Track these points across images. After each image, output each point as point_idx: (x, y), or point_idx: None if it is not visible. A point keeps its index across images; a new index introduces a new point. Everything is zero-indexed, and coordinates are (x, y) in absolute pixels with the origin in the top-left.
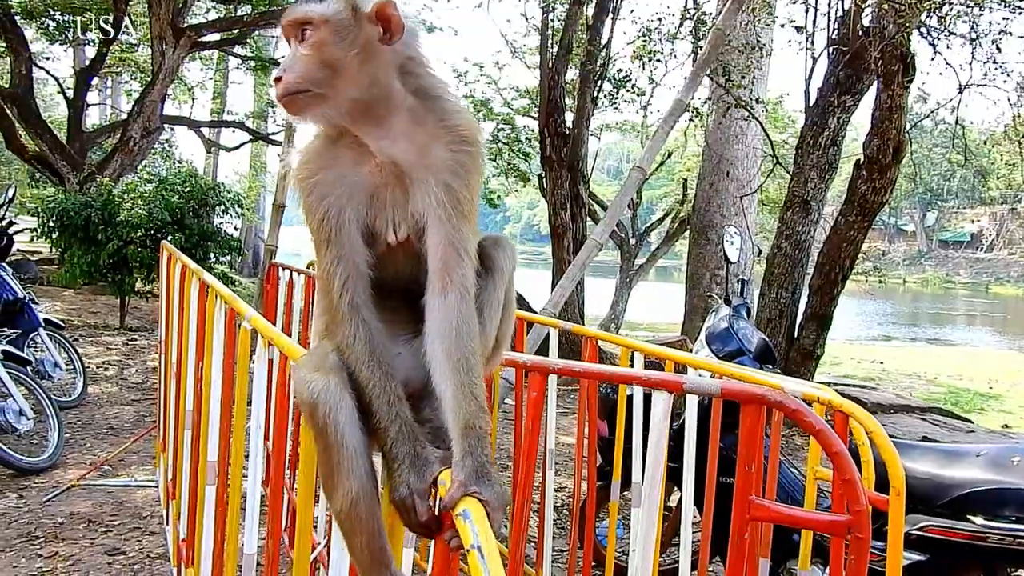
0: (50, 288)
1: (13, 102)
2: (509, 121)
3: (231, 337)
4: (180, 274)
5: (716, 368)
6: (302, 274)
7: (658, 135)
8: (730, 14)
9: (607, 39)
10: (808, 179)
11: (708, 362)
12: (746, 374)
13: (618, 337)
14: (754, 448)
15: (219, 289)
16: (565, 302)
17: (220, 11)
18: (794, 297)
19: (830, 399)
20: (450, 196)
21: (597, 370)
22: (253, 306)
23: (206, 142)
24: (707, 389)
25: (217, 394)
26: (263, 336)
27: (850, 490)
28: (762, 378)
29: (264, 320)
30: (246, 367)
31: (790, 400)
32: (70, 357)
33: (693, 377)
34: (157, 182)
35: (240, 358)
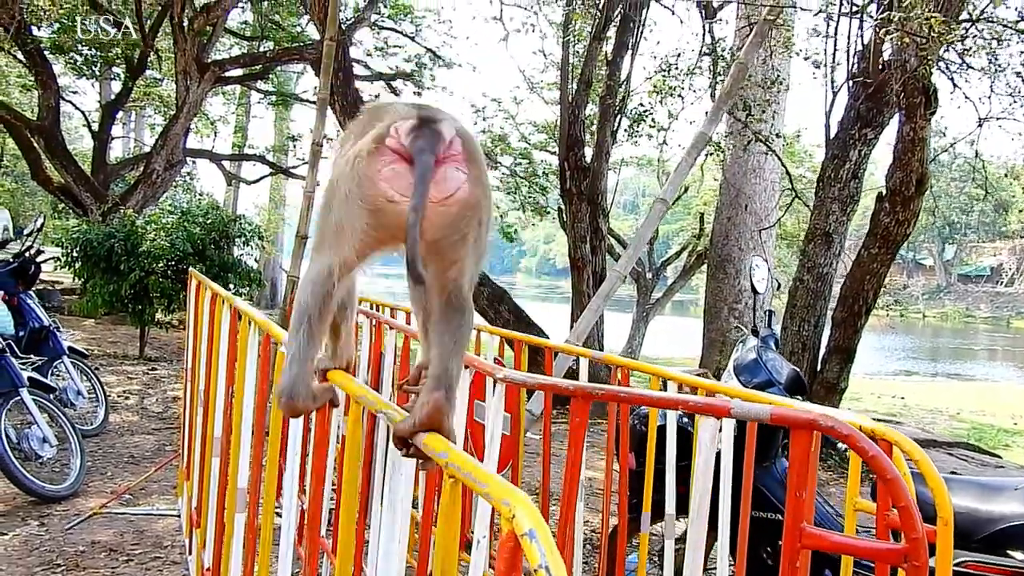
0: (71, 317)
1: (40, 134)
2: (527, 156)
3: (265, 362)
4: (210, 302)
5: (751, 396)
6: None
7: (681, 168)
8: (752, 48)
9: (626, 74)
10: (829, 212)
11: (741, 390)
12: (789, 403)
13: (649, 365)
14: (805, 475)
15: (253, 315)
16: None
17: (243, 47)
18: (816, 330)
19: (873, 427)
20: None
21: (641, 395)
22: None
23: (227, 175)
24: (756, 414)
25: (249, 420)
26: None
27: (907, 517)
28: (798, 407)
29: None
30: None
31: (842, 425)
32: (92, 385)
33: (740, 402)
34: (179, 214)
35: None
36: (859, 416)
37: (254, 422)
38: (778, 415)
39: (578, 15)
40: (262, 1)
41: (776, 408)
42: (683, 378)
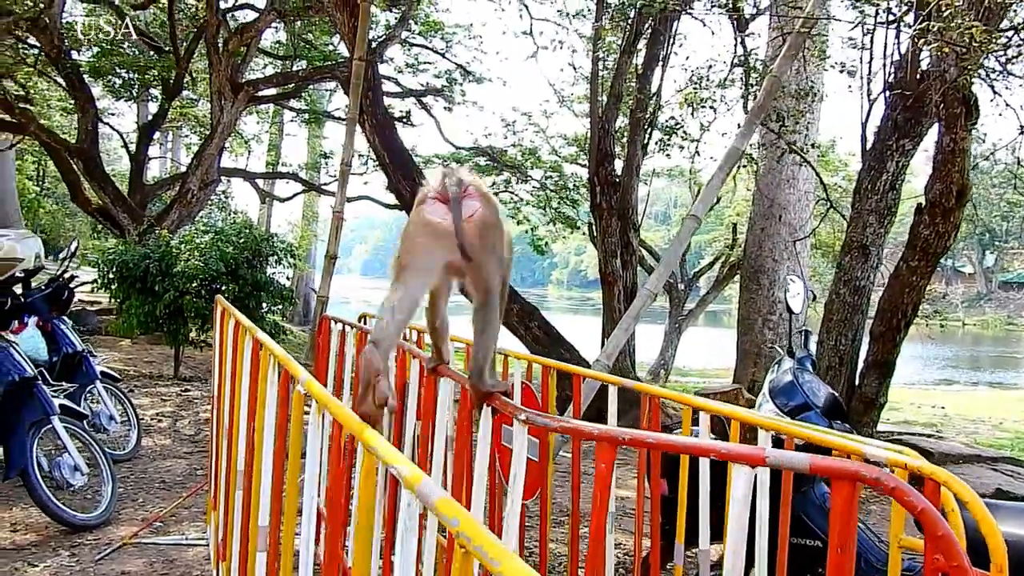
0: (108, 338)
1: (79, 156)
2: (557, 168)
3: (284, 400)
4: (233, 330)
5: (786, 430)
6: (354, 328)
7: (712, 183)
8: (785, 61)
9: (657, 87)
10: (866, 224)
11: (777, 421)
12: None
13: (681, 396)
14: (848, 529)
15: (273, 349)
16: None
17: (277, 66)
18: (854, 344)
19: (920, 466)
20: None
21: (669, 441)
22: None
23: (260, 193)
24: (794, 464)
25: (269, 458)
26: (318, 403)
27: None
28: (837, 440)
29: (318, 385)
30: (299, 432)
31: (888, 477)
32: (125, 410)
33: (777, 451)
34: (213, 233)
35: (293, 423)
36: (903, 452)
37: (274, 459)
38: (818, 466)
39: (606, 31)
40: (295, 21)
41: (815, 458)
42: (716, 408)
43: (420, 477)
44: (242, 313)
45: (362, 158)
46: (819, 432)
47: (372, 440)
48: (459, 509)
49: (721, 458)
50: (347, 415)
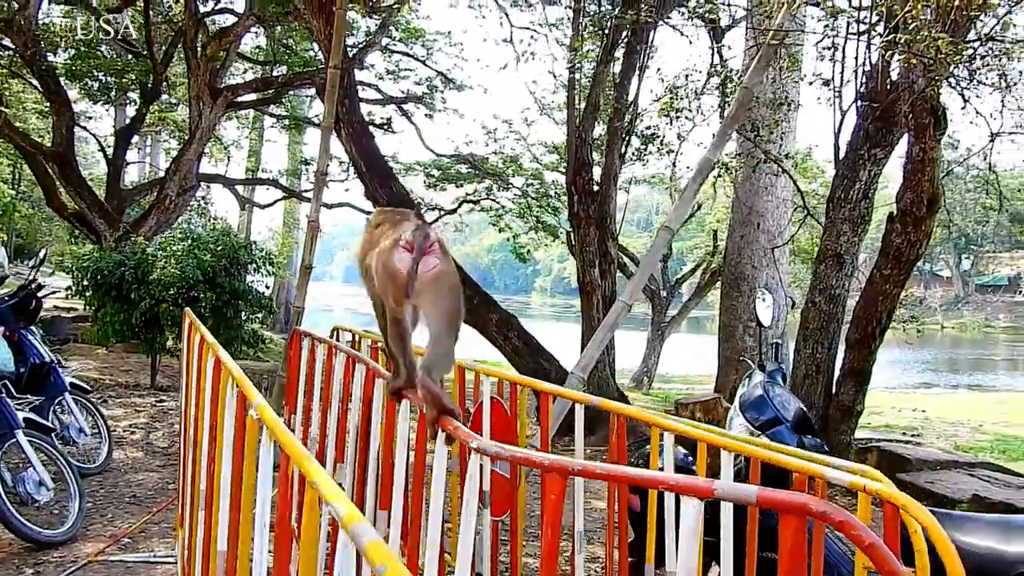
0: (84, 346)
1: (55, 160)
2: (538, 176)
3: (241, 423)
4: (199, 345)
5: (750, 452)
6: (323, 343)
7: (686, 194)
8: (757, 72)
9: (634, 96)
10: (840, 232)
11: (740, 443)
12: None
13: (649, 415)
14: (798, 564)
15: (231, 369)
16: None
17: (257, 72)
18: (830, 352)
19: (878, 489)
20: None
21: (620, 473)
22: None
23: (240, 199)
24: (741, 496)
25: (227, 482)
26: (267, 430)
27: None
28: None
29: (271, 412)
30: (252, 459)
31: (836, 511)
32: (95, 422)
33: (725, 484)
34: (189, 241)
35: (248, 448)
36: (867, 475)
37: (232, 483)
38: (764, 498)
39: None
40: (275, 26)
41: (764, 490)
42: (680, 429)
43: (355, 518)
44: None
45: (343, 165)
46: (781, 454)
47: (315, 474)
48: (388, 555)
49: (670, 490)
50: (295, 446)
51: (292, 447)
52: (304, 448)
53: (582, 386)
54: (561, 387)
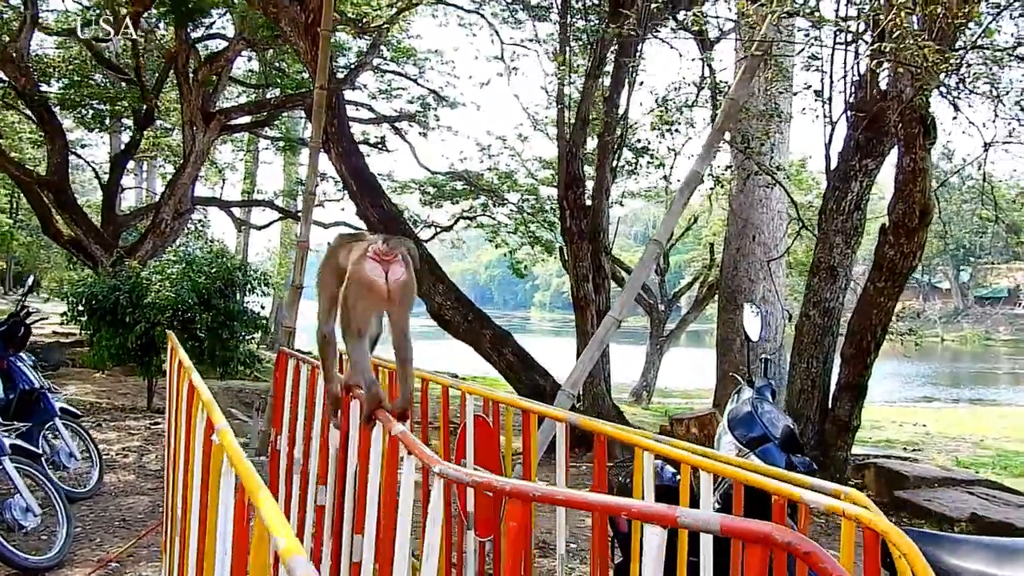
0: (82, 370)
1: (50, 189)
2: (533, 192)
3: (208, 448)
4: (177, 369)
5: (731, 473)
6: (306, 363)
7: (674, 207)
8: (742, 84)
9: (624, 110)
10: (833, 244)
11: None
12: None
13: (630, 435)
14: None
15: (200, 392)
16: (590, 373)
17: (250, 95)
18: (826, 367)
19: (858, 514)
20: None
21: (580, 499)
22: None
23: (236, 221)
24: (704, 525)
25: (196, 507)
26: (227, 456)
27: None
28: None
29: (231, 438)
30: (216, 485)
31: (802, 541)
32: (86, 446)
33: (689, 511)
34: (184, 263)
35: (212, 474)
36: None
37: (200, 508)
38: (728, 527)
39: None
40: (266, 50)
41: (726, 519)
42: (660, 449)
43: (292, 551)
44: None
45: (338, 184)
46: (763, 476)
47: (264, 504)
48: None
49: (632, 518)
50: (250, 475)
51: (246, 475)
52: (257, 477)
53: (572, 402)
54: (547, 405)
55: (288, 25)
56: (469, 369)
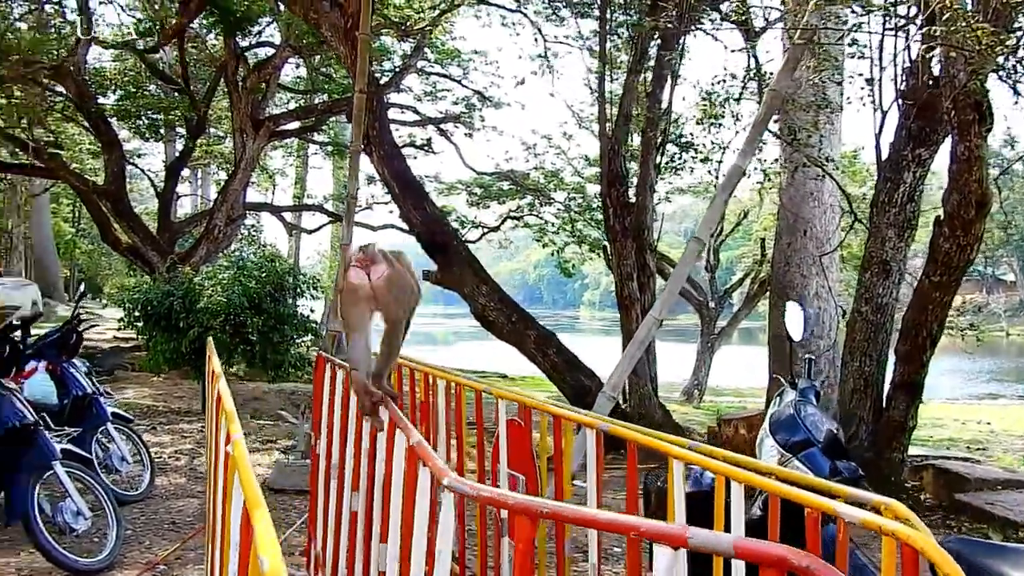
0: (140, 374)
1: (107, 198)
2: (580, 190)
3: (225, 457)
4: (211, 376)
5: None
6: (342, 368)
7: (716, 203)
8: (784, 75)
9: (667, 104)
10: (886, 238)
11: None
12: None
13: (662, 443)
14: None
15: (223, 400)
16: (636, 374)
17: (299, 101)
18: (879, 365)
19: (895, 530)
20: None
21: (588, 516)
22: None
23: (287, 226)
24: (716, 547)
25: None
26: (239, 470)
27: None
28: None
29: (242, 450)
30: (229, 495)
31: (821, 567)
32: (138, 450)
33: (700, 531)
34: (235, 268)
35: (226, 484)
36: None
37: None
38: (742, 548)
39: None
40: (312, 56)
41: (739, 540)
42: (691, 457)
43: (276, 571)
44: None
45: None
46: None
47: (258, 520)
48: None
49: (641, 536)
50: (251, 488)
51: (248, 488)
52: (257, 491)
53: (612, 405)
54: (579, 411)
55: (329, 30)
56: (518, 369)
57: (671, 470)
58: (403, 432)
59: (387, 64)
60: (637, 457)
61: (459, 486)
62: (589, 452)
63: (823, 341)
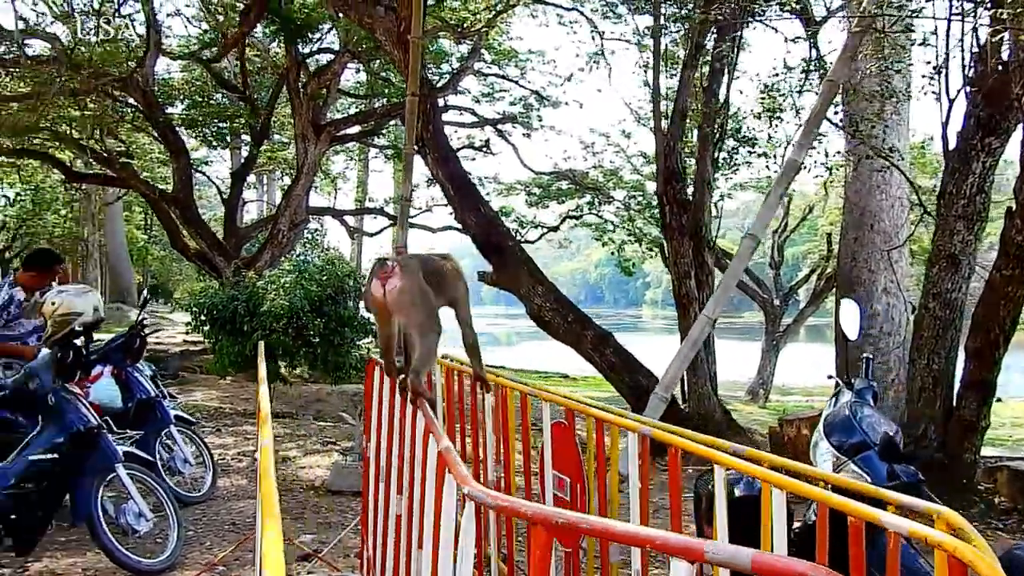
0: (209, 376)
1: (176, 205)
2: (639, 188)
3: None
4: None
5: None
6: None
7: (770, 199)
8: (842, 64)
9: (724, 99)
10: (954, 231)
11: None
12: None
13: (703, 448)
14: None
15: (260, 405)
16: (694, 373)
17: (359, 106)
18: (948, 363)
19: (941, 540)
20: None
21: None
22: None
23: (349, 229)
24: (733, 561)
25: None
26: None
27: None
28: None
29: (267, 458)
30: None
31: None
32: (200, 452)
33: (717, 545)
34: (297, 272)
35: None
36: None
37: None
38: (760, 563)
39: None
40: (371, 61)
41: (758, 555)
42: (734, 463)
43: None
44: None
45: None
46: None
47: (268, 530)
48: None
49: (658, 550)
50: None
51: (267, 497)
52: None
53: (665, 405)
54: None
55: (383, 35)
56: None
57: (714, 475)
58: (434, 437)
59: (444, 67)
60: (684, 460)
61: (478, 495)
62: (631, 456)
63: (892, 338)
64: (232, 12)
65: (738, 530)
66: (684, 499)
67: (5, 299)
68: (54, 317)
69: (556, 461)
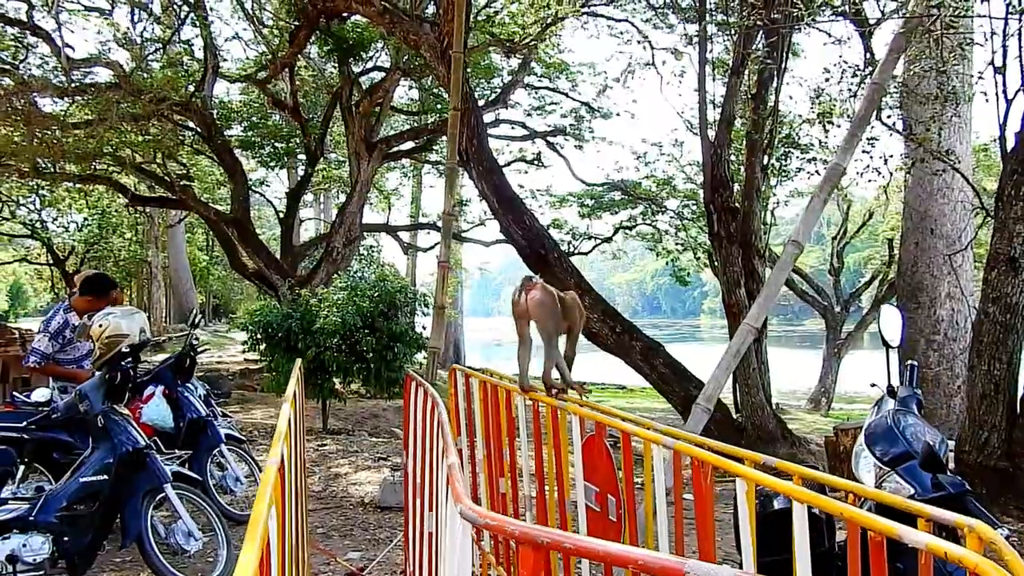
0: (268, 395)
1: (233, 226)
2: (693, 196)
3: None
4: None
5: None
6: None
7: (814, 204)
8: (887, 67)
9: (773, 105)
10: (1014, 234)
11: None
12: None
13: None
14: None
15: (279, 422)
16: (747, 384)
17: (411, 123)
18: (1010, 368)
19: (961, 556)
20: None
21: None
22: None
23: (403, 245)
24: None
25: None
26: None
27: None
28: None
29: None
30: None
31: None
32: (251, 471)
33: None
34: (349, 289)
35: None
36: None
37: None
38: None
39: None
40: (421, 77)
41: (737, 573)
42: (760, 479)
43: None
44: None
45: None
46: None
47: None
48: None
49: (638, 570)
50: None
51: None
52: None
53: (707, 417)
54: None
55: (428, 51)
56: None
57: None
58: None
59: (496, 81)
60: (722, 474)
61: (470, 513)
62: (656, 471)
63: (957, 344)
64: (285, 34)
65: (775, 545)
66: (723, 514)
67: (60, 323)
68: (101, 339)
69: (595, 476)
